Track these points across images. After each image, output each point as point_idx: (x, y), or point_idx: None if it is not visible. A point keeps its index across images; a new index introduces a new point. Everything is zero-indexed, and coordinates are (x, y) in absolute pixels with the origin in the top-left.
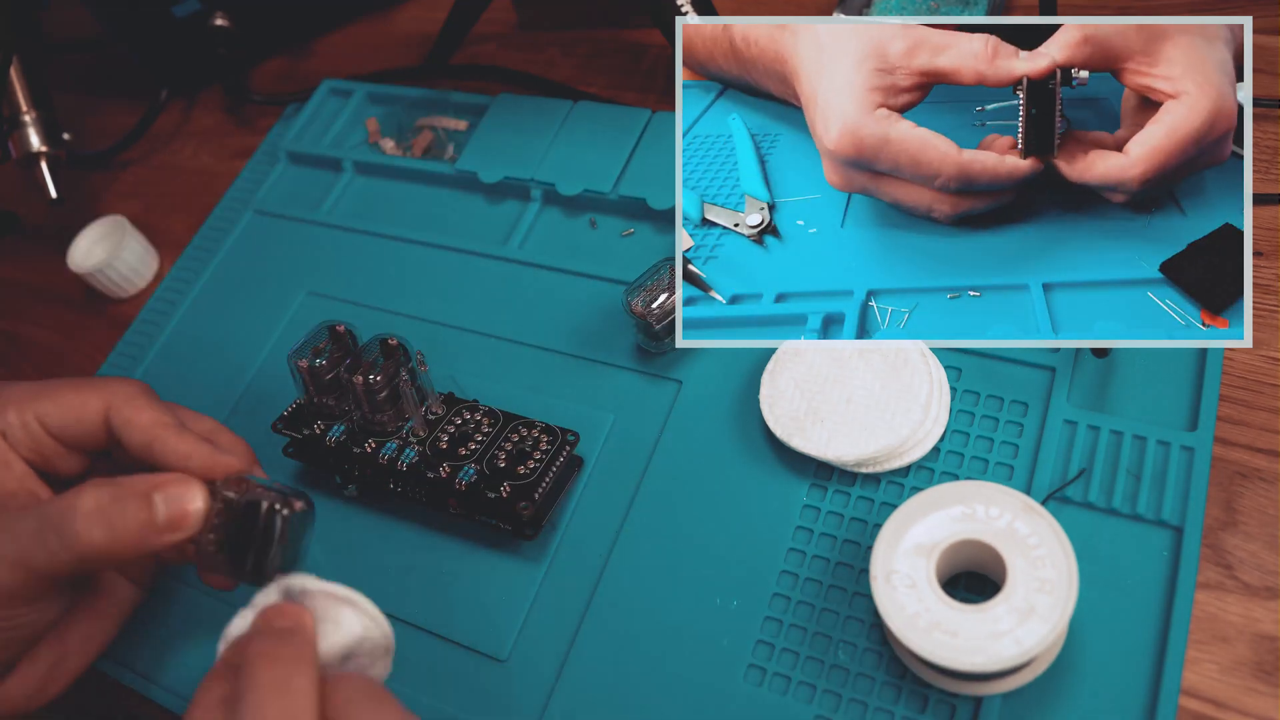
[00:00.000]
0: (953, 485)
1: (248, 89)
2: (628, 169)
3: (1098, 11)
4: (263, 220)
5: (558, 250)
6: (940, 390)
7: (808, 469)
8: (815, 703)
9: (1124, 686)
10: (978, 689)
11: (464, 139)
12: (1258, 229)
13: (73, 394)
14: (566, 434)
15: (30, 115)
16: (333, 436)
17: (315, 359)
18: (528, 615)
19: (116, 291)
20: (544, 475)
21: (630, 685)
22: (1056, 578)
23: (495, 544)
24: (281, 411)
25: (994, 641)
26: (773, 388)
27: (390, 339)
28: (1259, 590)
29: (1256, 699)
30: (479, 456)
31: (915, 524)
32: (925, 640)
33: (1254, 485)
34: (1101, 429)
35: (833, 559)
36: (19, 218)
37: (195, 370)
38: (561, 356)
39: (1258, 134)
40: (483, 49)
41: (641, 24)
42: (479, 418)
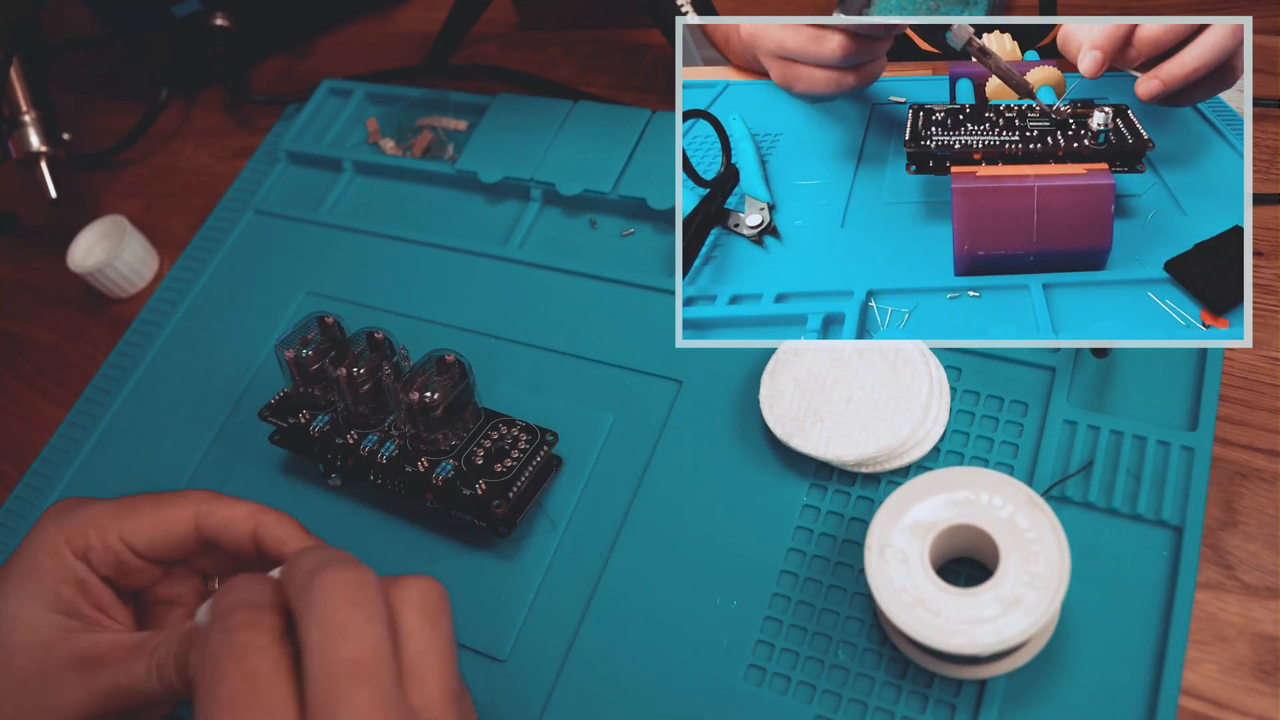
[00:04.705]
0: (960, 470)
1: (248, 89)
2: (628, 169)
3: (1098, 11)
4: (263, 220)
5: (558, 250)
6: (940, 390)
7: (808, 469)
8: (815, 703)
9: (1124, 686)
10: (954, 671)
11: (464, 139)
12: (1258, 229)
13: (156, 509)
14: (545, 433)
15: (30, 115)
16: (317, 426)
17: (302, 349)
18: (528, 615)
19: (116, 291)
20: (520, 474)
21: (630, 685)
22: (1047, 574)
23: (488, 543)
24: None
25: (974, 627)
26: (773, 388)
27: (377, 332)
28: (1259, 590)
29: (1256, 699)
30: (458, 453)
31: (919, 502)
32: (907, 615)
33: (1254, 485)
34: (1101, 429)
35: (833, 559)
36: (19, 218)
37: (195, 370)
38: (561, 356)
39: (1258, 134)
40: (483, 49)
41: (641, 24)
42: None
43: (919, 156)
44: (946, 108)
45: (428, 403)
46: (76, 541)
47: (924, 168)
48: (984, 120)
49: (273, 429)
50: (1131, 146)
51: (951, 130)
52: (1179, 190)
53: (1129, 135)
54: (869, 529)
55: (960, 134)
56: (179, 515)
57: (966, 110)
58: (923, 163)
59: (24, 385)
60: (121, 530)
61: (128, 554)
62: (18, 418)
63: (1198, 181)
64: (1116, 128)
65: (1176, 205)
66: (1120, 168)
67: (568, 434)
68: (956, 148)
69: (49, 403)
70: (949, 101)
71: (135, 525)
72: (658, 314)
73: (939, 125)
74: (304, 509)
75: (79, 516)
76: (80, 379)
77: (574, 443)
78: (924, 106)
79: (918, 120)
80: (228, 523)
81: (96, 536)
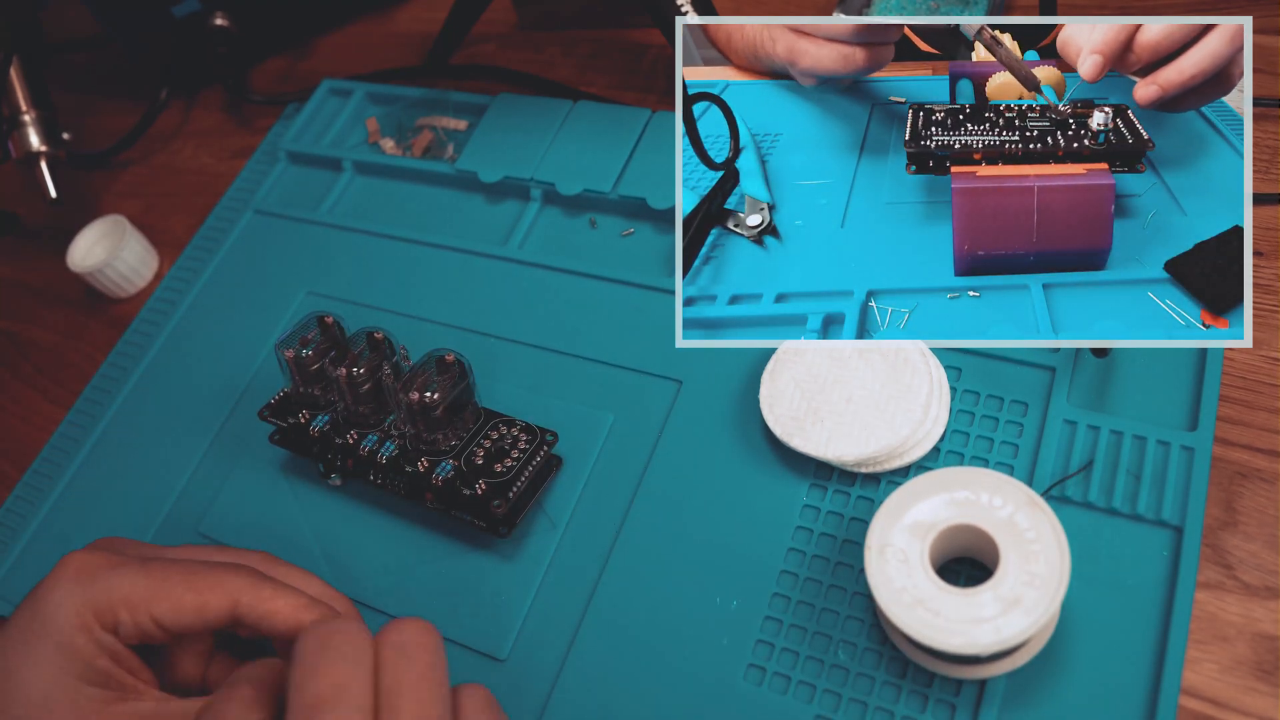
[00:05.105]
0: (960, 470)
1: (248, 89)
2: (628, 169)
3: (1098, 11)
4: (263, 220)
5: (558, 250)
6: (940, 390)
7: (808, 469)
8: (815, 703)
9: (1124, 686)
10: (954, 671)
11: (464, 139)
12: (1258, 229)
13: (191, 593)
14: (545, 433)
15: (30, 115)
16: (317, 426)
17: (302, 349)
18: (528, 615)
19: (116, 291)
20: (520, 474)
21: (630, 685)
22: (1047, 574)
23: (488, 543)
24: (269, 399)
25: (974, 626)
26: (773, 388)
27: (376, 332)
28: (1259, 590)
29: (1256, 699)
30: (458, 453)
31: (919, 502)
32: (907, 615)
33: (1254, 485)
34: (1101, 429)
35: (833, 559)
36: (19, 218)
37: (195, 370)
38: (561, 356)
39: (1258, 134)
40: (483, 49)
41: (641, 24)
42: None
43: (919, 156)
44: (946, 108)
45: (428, 403)
46: (106, 618)
47: (924, 168)
48: (984, 120)
49: (273, 429)
50: (1131, 146)
51: (951, 130)
52: (1179, 190)
53: (1129, 135)
54: (869, 529)
55: (960, 134)
56: (217, 604)
57: (966, 110)
58: (923, 163)
59: (24, 385)
60: (153, 612)
61: (157, 632)
62: (18, 418)
63: (1198, 181)
64: (1116, 128)
65: (1176, 205)
66: (1120, 168)
67: (568, 434)
68: (956, 148)
69: (49, 403)
70: (949, 101)
71: (169, 608)
72: (658, 314)
73: (939, 125)
74: (304, 509)
75: (108, 591)
76: (80, 379)
77: (574, 443)
78: (924, 106)
79: (918, 120)
80: (268, 618)
81: (127, 615)
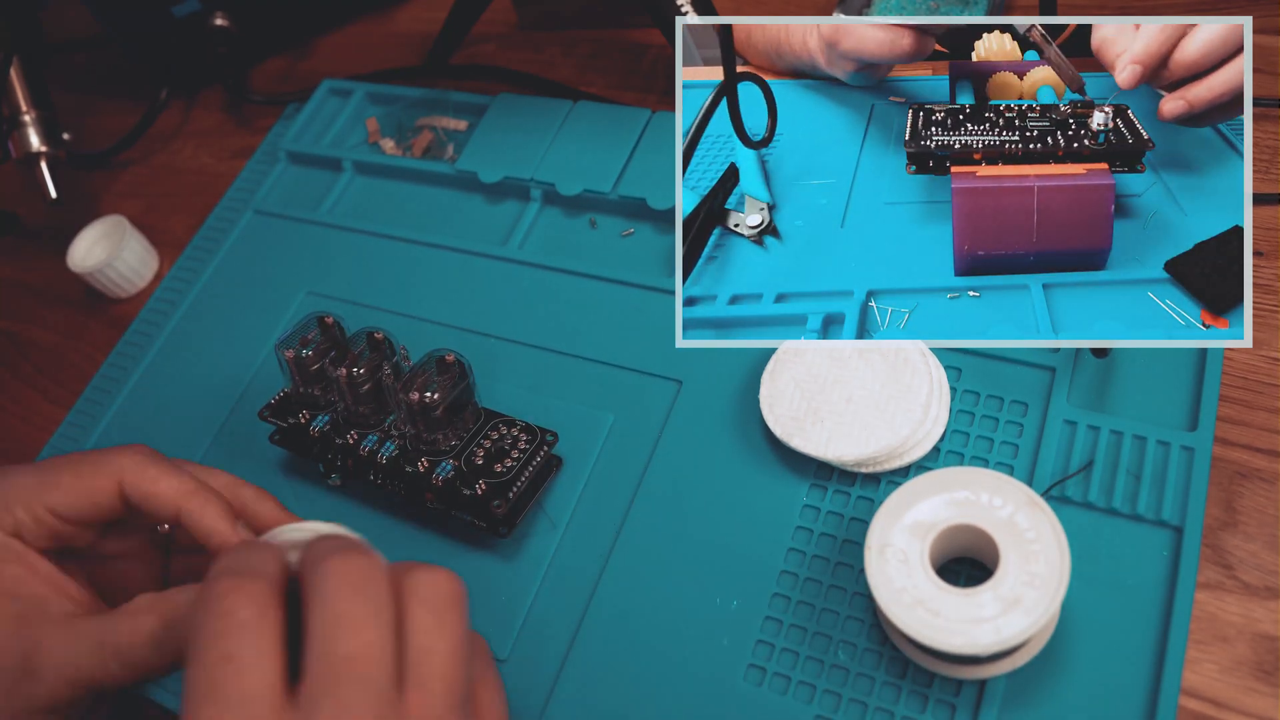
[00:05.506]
0: (960, 470)
1: (248, 89)
2: (628, 169)
3: (1098, 11)
4: (263, 220)
5: (558, 250)
6: (940, 390)
7: (808, 469)
8: (815, 703)
9: (1124, 686)
10: (954, 671)
11: (464, 139)
12: (1258, 229)
13: (77, 479)
14: (545, 433)
15: (30, 115)
16: (317, 426)
17: (302, 349)
18: (528, 615)
19: (116, 291)
20: (520, 474)
21: (630, 685)
22: (1047, 574)
23: (488, 543)
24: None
25: (974, 626)
26: (773, 388)
27: (376, 333)
28: (1259, 590)
29: (1256, 699)
30: (458, 453)
31: (919, 502)
32: (907, 615)
33: (1254, 485)
34: (1101, 429)
35: (833, 559)
36: (19, 218)
37: (195, 370)
38: (561, 356)
39: (1258, 134)
40: (483, 49)
41: (641, 24)
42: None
43: (919, 156)
44: (946, 107)
45: (428, 403)
46: (4, 519)
47: (924, 168)
48: (984, 120)
49: (273, 429)
50: (1131, 146)
51: (951, 130)
52: (1179, 190)
53: (1129, 135)
54: (869, 529)
55: (960, 134)
56: (102, 484)
57: (966, 110)
58: (923, 163)
59: (24, 385)
60: (46, 502)
61: (57, 524)
62: (18, 418)
63: (1198, 181)
64: (1116, 128)
65: (1176, 205)
66: (1120, 168)
67: (568, 434)
68: (956, 148)
69: (49, 403)
70: (949, 101)
71: (58, 497)
72: (658, 314)
73: (939, 125)
74: (304, 509)
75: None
76: (80, 379)
77: (574, 443)
78: (924, 106)
79: (918, 120)
80: (151, 499)
81: (25, 511)
